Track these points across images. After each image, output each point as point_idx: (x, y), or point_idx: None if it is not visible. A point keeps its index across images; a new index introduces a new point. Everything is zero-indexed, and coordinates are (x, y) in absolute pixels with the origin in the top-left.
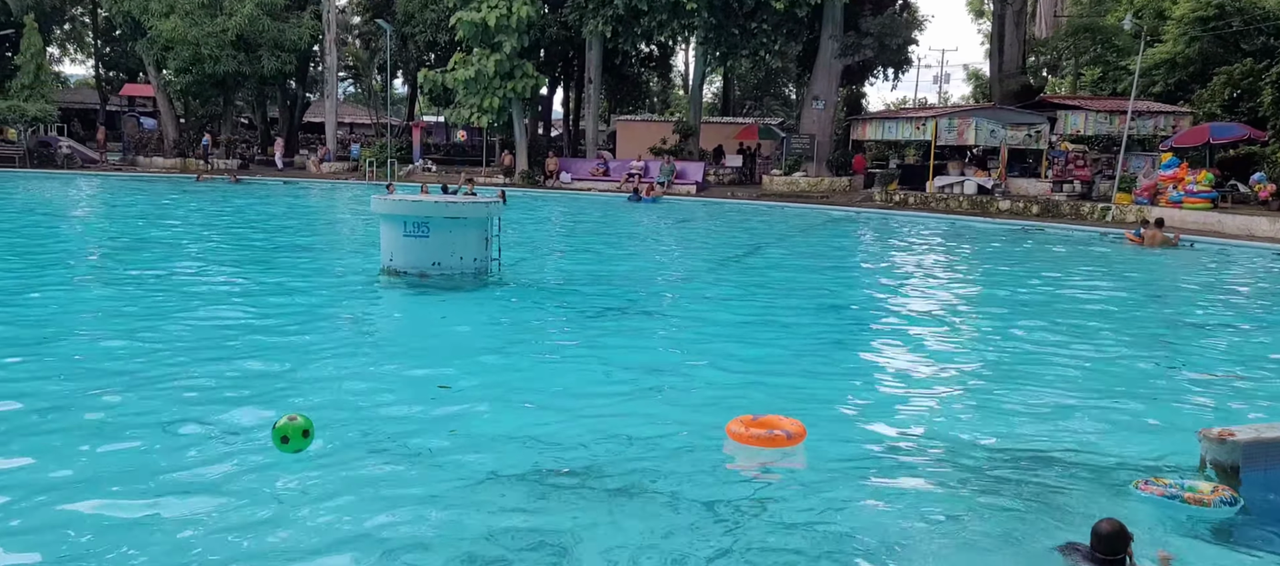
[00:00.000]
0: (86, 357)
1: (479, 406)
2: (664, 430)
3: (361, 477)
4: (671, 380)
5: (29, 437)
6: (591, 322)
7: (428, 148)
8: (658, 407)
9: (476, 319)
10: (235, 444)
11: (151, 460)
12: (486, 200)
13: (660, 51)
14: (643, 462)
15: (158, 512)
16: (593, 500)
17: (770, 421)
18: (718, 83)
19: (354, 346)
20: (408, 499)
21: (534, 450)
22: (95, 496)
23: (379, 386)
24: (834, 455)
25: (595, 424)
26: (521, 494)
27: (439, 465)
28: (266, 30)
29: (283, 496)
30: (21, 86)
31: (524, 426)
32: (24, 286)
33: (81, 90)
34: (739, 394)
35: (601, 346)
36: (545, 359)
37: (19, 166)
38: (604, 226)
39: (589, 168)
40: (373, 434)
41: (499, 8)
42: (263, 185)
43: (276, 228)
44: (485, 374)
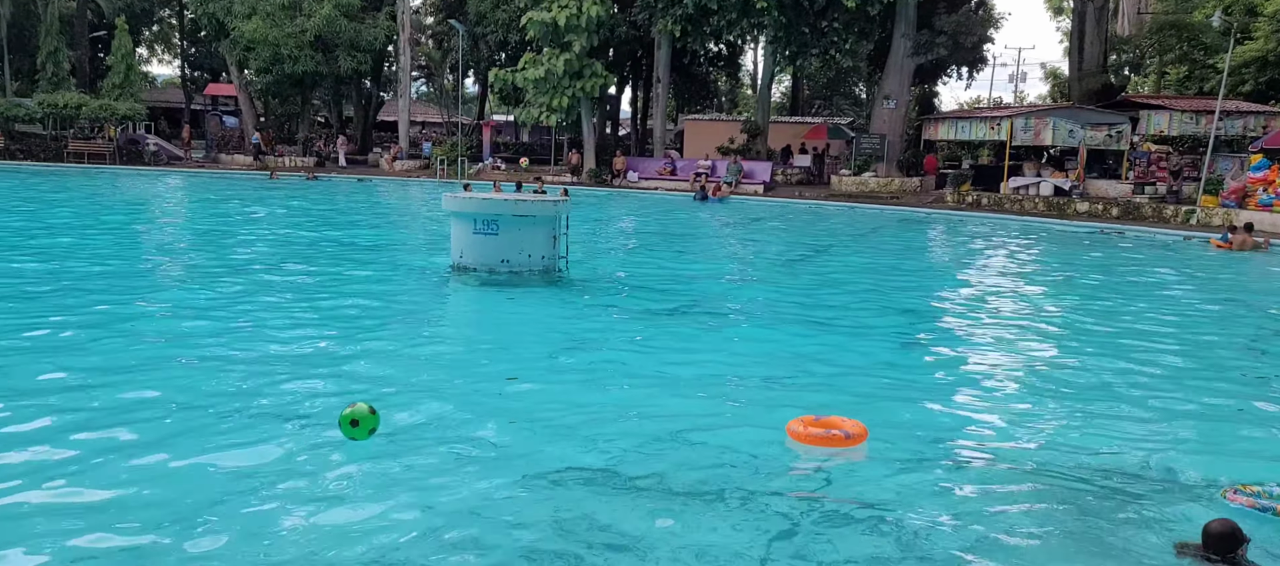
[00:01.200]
0: (164, 340)
1: (545, 402)
2: (728, 429)
3: (427, 468)
4: (736, 379)
5: (117, 414)
6: (657, 321)
7: (497, 146)
8: (722, 406)
9: (543, 316)
10: (303, 431)
11: (218, 443)
12: (554, 199)
13: (729, 50)
14: (706, 461)
15: (222, 495)
16: (656, 497)
17: (831, 422)
18: (786, 82)
19: (422, 340)
20: (473, 491)
21: (598, 446)
22: (162, 475)
23: (446, 379)
24: (902, 458)
25: (660, 421)
26: (585, 490)
27: (505, 459)
28: (343, 31)
29: (347, 483)
30: (113, 86)
31: (588, 422)
32: (109, 276)
33: (168, 90)
34: (802, 394)
35: (667, 345)
36: (610, 356)
37: (110, 163)
38: (670, 226)
39: (656, 167)
40: (439, 425)
41: (569, 7)
42: (337, 183)
43: (349, 224)
44: (551, 370)
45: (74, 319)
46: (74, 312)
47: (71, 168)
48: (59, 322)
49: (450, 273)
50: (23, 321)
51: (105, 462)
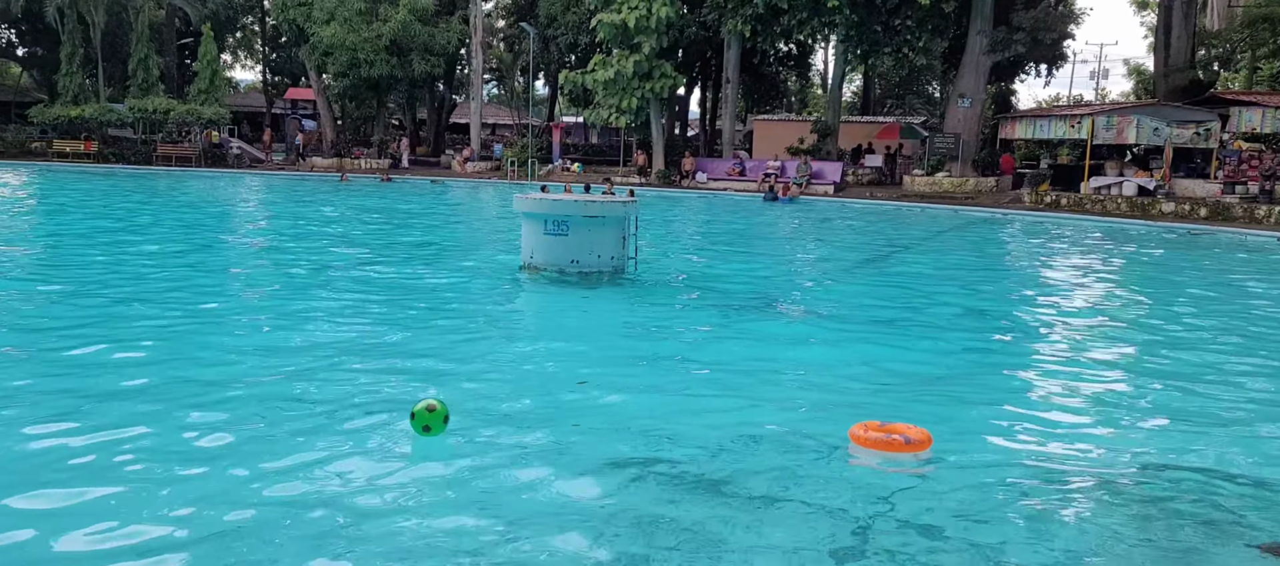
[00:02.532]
0: (243, 337)
1: (615, 402)
2: (797, 430)
3: (498, 468)
4: (803, 380)
5: (201, 410)
6: (726, 321)
7: (567, 148)
8: (790, 408)
9: (612, 316)
10: (374, 430)
11: (289, 440)
12: (623, 199)
13: (799, 50)
14: (774, 463)
15: (290, 490)
16: (726, 499)
17: (894, 427)
18: (858, 81)
19: (493, 340)
20: (545, 492)
21: (668, 447)
22: (239, 466)
23: (517, 379)
24: (971, 465)
25: (729, 422)
26: (655, 491)
27: (576, 458)
28: (417, 35)
29: (416, 481)
30: (198, 91)
31: (658, 423)
32: (191, 272)
33: (250, 94)
34: (870, 396)
35: (735, 345)
36: (679, 356)
37: (195, 165)
38: (739, 226)
39: (725, 167)
40: (510, 425)
41: (639, 9)
42: (410, 184)
43: (421, 225)
44: (620, 370)
45: (149, 318)
46: (149, 311)
47: (159, 170)
48: (136, 323)
49: (521, 273)
50: (111, 318)
51: (176, 461)
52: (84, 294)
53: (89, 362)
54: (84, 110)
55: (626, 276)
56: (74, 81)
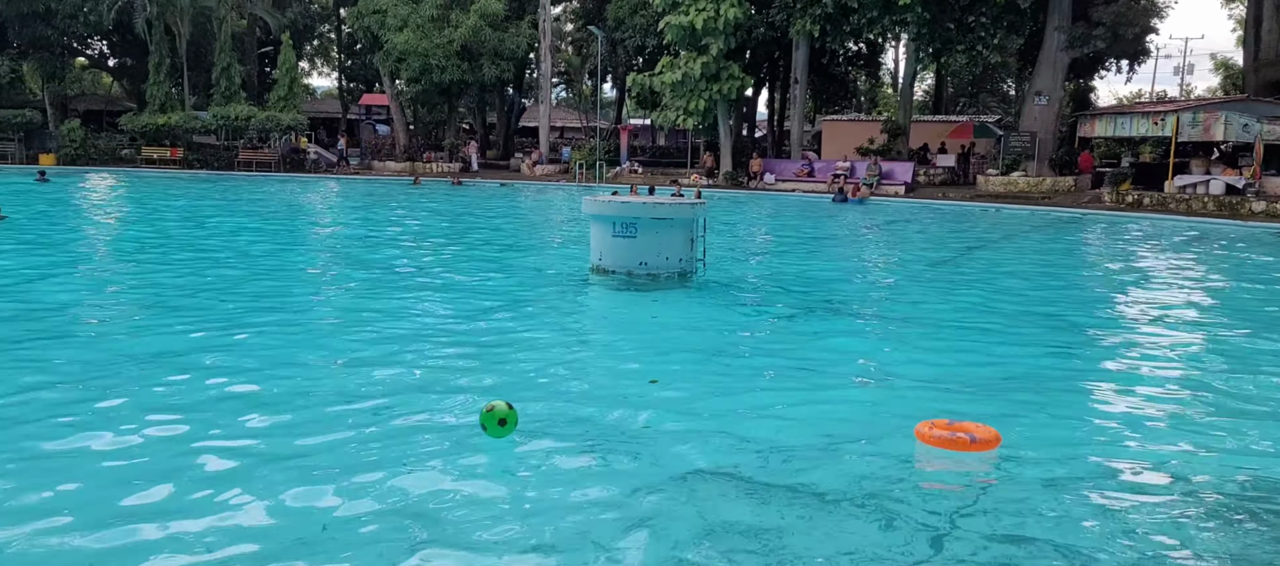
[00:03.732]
0: (311, 338)
1: (684, 403)
2: (866, 434)
3: (569, 469)
4: (873, 383)
5: (264, 411)
6: (794, 323)
7: (634, 150)
8: (860, 409)
9: (681, 318)
10: (444, 431)
11: (358, 442)
12: (692, 201)
13: (869, 49)
14: (843, 464)
15: (356, 494)
16: (796, 500)
17: (961, 426)
18: (929, 80)
19: (563, 341)
20: (615, 492)
21: (738, 449)
22: (301, 474)
23: (587, 380)
24: (1041, 467)
25: (798, 423)
26: (727, 492)
27: (647, 460)
28: (488, 40)
29: (487, 483)
30: (278, 98)
31: (728, 424)
32: (267, 277)
33: (326, 100)
34: (940, 398)
35: (804, 347)
36: (748, 358)
37: (274, 170)
38: (808, 228)
39: (793, 168)
40: (581, 427)
41: (706, 11)
42: (480, 187)
43: (491, 227)
44: (690, 371)
45: (233, 318)
46: (231, 311)
47: (241, 175)
48: (218, 324)
49: (590, 275)
50: (193, 316)
51: (248, 458)
52: (181, 295)
53: (170, 363)
54: (170, 118)
55: (695, 278)
56: (161, 90)
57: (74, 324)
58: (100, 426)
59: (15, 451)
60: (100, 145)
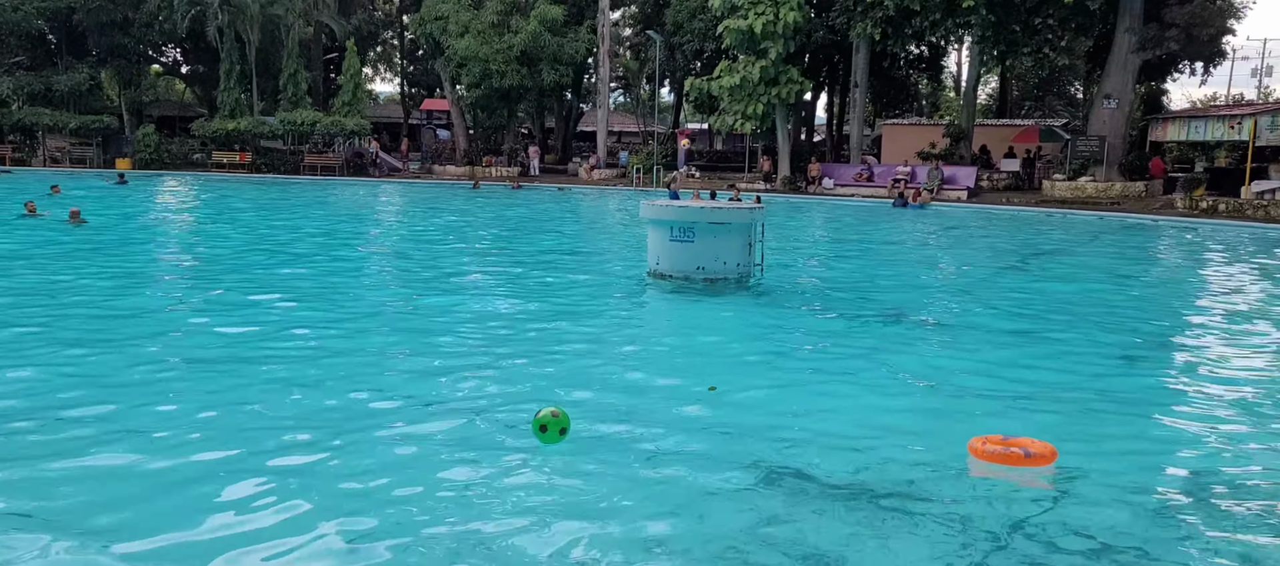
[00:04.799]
0: (370, 342)
1: (741, 409)
2: (923, 444)
3: (625, 474)
4: (932, 392)
5: (323, 407)
6: (852, 330)
7: (691, 154)
8: (917, 420)
9: (738, 323)
10: (500, 433)
11: (417, 444)
12: (750, 206)
13: (931, 52)
14: (899, 474)
15: (409, 495)
16: (851, 509)
17: (1017, 441)
18: (993, 83)
19: (620, 345)
20: (672, 498)
21: (794, 455)
22: (363, 468)
23: (644, 384)
24: (1100, 485)
25: (854, 432)
26: (782, 499)
27: (701, 466)
28: (547, 45)
29: (543, 487)
30: (342, 103)
31: (784, 431)
32: (332, 277)
33: (388, 105)
34: (999, 410)
35: (861, 354)
36: (805, 364)
37: (338, 174)
38: (867, 233)
39: (852, 173)
40: (637, 431)
41: (765, 14)
42: (538, 191)
43: (549, 231)
44: (746, 376)
45: (294, 316)
46: (288, 310)
47: (306, 179)
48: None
49: (647, 279)
50: (259, 317)
51: (314, 456)
52: (250, 294)
53: (234, 360)
54: (239, 123)
55: (752, 283)
56: (231, 96)
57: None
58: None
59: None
60: (173, 149)
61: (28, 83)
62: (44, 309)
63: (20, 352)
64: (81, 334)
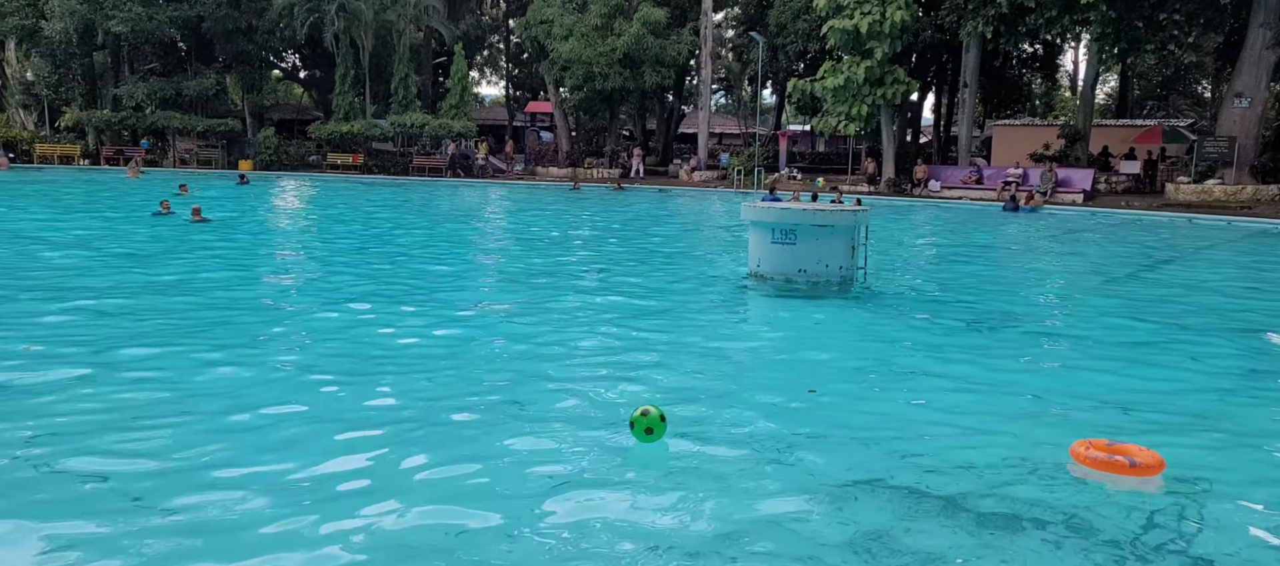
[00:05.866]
0: (472, 337)
1: (842, 414)
2: (1030, 453)
3: (724, 477)
4: (1041, 402)
5: (427, 404)
6: (958, 335)
7: (793, 156)
8: (1026, 429)
9: (839, 326)
10: (597, 433)
11: (512, 445)
12: (853, 208)
13: (1046, 50)
14: (1005, 484)
15: (506, 497)
16: (958, 519)
17: (1122, 449)
18: (1112, 81)
19: (720, 347)
20: (771, 503)
21: (895, 462)
22: (460, 469)
23: (743, 387)
24: (1214, 500)
25: (959, 439)
26: (883, 506)
27: (803, 471)
28: (650, 47)
29: (640, 489)
30: (450, 106)
31: (886, 436)
32: (436, 276)
33: (493, 108)
34: (1109, 420)
35: (966, 360)
36: (909, 369)
37: (445, 175)
38: (976, 237)
39: (960, 175)
40: (736, 434)
41: (872, 14)
42: (639, 193)
43: (650, 232)
44: (848, 381)
45: (397, 316)
46: (398, 309)
47: (414, 180)
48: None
49: (748, 281)
50: (363, 317)
51: (411, 452)
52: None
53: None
54: (353, 126)
55: (855, 287)
56: (345, 100)
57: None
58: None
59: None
60: (291, 151)
61: (160, 88)
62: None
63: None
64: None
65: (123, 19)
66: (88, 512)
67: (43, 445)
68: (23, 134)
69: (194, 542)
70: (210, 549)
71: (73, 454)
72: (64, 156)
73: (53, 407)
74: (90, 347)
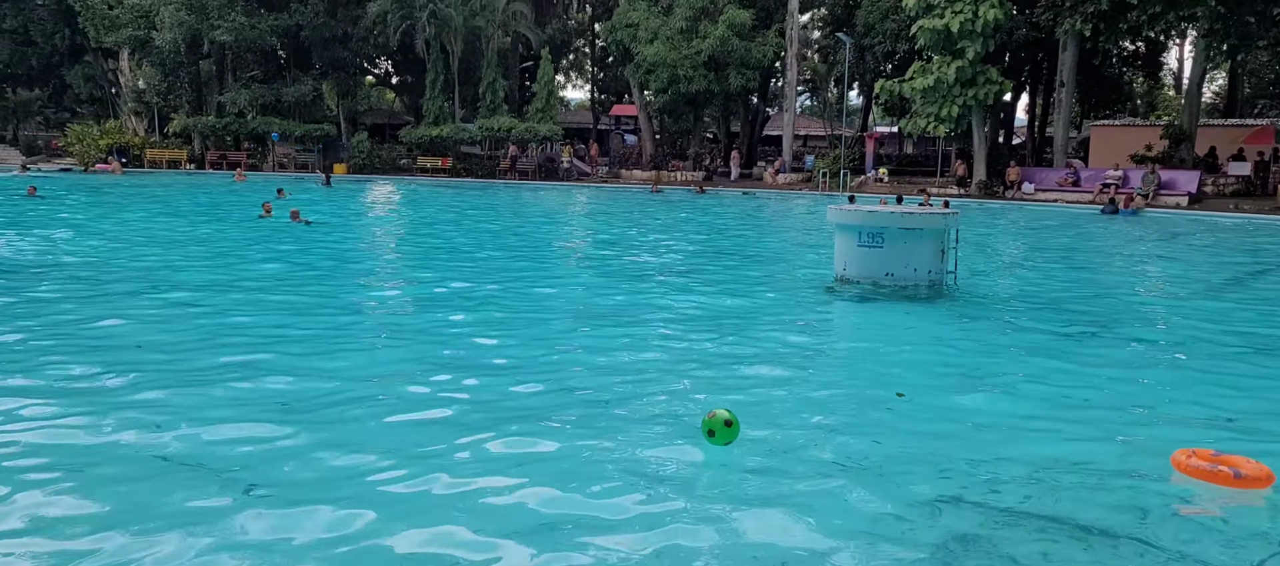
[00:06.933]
0: (553, 341)
1: (930, 421)
2: (1126, 466)
3: (806, 483)
4: (1140, 410)
5: (500, 402)
6: (1052, 342)
7: (880, 158)
8: (1121, 440)
9: (930, 331)
10: (675, 436)
11: (593, 448)
12: (942, 211)
13: (1148, 47)
14: (1101, 498)
15: (592, 492)
16: (1049, 531)
17: (1227, 460)
18: (1220, 79)
19: (804, 351)
20: (855, 510)
21: (986, 471)
22: (536, 472)
23: (828, 392)
24: None
25: (1051, 448)
26: (973, 517)
27: (890, 478)
28: (735, 50)
29: (721, 492)
30: (536, 110)
31: (977, 445)
32: (519, 278)
33: (578, 112)
34: (1212, 433)
35: (1063, 368)
36: (1001, 376)
37: (530, 179)
38: (1072, 241)
39: (1056, 177)
40: (820, 439)
41: (963, 13)
42: (723, 195)
43: (733, 235)
44: (936, 388)
45: (469, 317)
46: (476, 311)
47: (501, 183)
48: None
49: (833, 285)
50: (444, 314)
51: (486, 448)
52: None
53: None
54: (442, 130)
55: (945, 291)
56: (435, 104)
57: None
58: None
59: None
60: (383, 155)
61: (261, 94)
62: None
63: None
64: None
65: (227, 28)
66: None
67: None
68: (134, 140)
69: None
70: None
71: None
72: (171, 161)
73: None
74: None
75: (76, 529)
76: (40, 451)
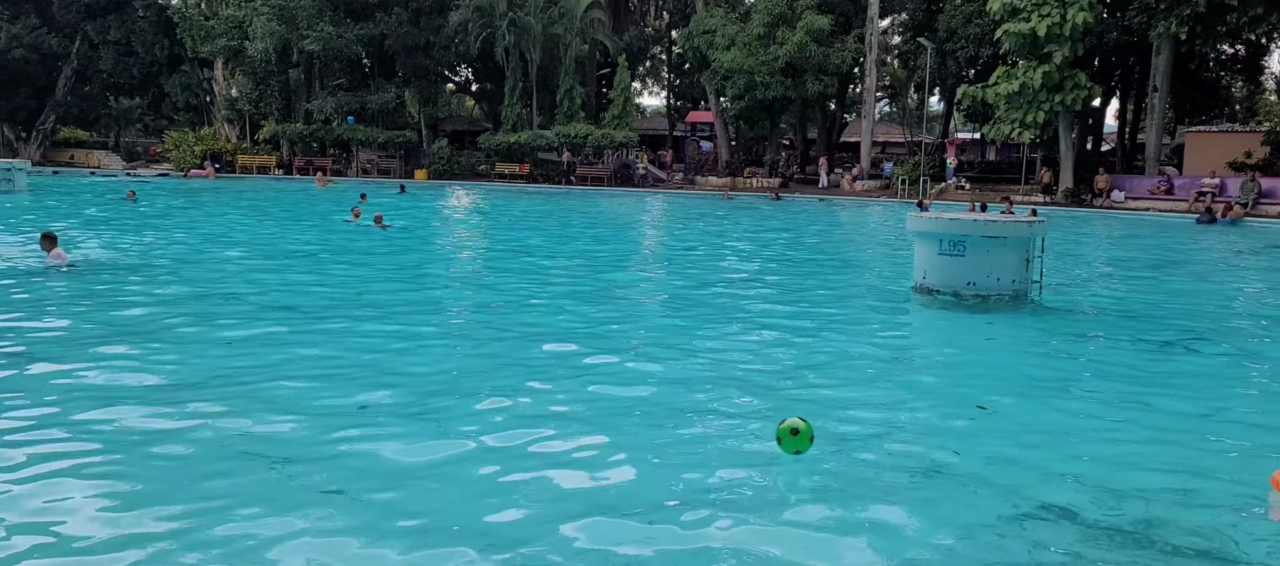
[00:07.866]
0: (630, 346)
1: (1015, 433)
2: (1217, 483)
3: (889, 494)
4: (1237, 426)
5: (575, 409)
6: (1142, 357)
7: (961, 165)
8: (1212, 458)
9: (1013, 342)
10: (751, 443)
11: (668, 454)
12: (1027, 219)
13: (1248, 51)
14: (1193, 515)
15: (664, 498)
16: (1137, 549)
17: None
18: None
19: (882, 361)
20: (940, 523)
21: (1072, 488)
22: (608, 478)
23: (908, 402)
24: None
25: (1139, 465)
26: (1060, 532)
27: (974, 491)
28: (813, 55)
29: (793, 499)
30: (612, 117)
31: (1063, 461)
32: (590, 285)
33: (653, 118)
34: None
35: (1152, 383)
36: (1087, 390)
37: (606, 185)
38: (1165, 251)
39: (1148, 185)
40: (904, 451)
41: (1051, 16)
42: (800, 203)
43: (811, 243)
44: (1021, 399)
45: (554, 322)
46: (566, 320)
47: (577, 189)
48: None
49: (913, 294)
50: (530, 318)
51: (565, 454)
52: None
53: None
54: (520, 136)
55: (1029, 302)
56: (513, 111)
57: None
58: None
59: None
60: (462, 161)
61: (346, 102)
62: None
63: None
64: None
65: (315, 38)
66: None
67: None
68: (227, 146)
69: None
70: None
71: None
72: (261, 167)
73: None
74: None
75: (146, 513)
76: (132, 436)
